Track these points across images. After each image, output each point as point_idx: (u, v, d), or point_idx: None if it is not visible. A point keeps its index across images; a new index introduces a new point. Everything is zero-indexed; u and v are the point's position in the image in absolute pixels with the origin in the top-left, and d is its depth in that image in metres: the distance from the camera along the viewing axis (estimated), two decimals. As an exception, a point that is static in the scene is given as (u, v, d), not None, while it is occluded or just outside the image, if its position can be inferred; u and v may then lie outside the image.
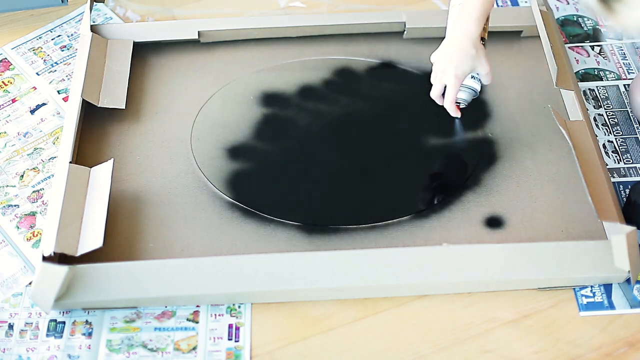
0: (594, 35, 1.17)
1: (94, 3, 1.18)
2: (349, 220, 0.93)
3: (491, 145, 1.01)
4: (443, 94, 0.99)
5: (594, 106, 1.06)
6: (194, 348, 0.83)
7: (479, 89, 1.00)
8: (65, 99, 1.07)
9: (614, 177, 0.97)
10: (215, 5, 1.21)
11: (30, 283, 0.88)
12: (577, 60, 1.12)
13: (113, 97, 1.03)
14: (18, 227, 0.93)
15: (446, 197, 0.95)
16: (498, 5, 1.21)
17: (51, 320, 0.85)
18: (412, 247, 0.88)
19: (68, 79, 1.09)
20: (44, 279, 0.83)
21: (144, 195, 0.96)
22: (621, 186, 0.97)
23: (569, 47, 1.14)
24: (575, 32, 1.17)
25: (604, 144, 1.01)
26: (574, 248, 0.87)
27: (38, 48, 1.14)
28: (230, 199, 0.95)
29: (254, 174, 0.99)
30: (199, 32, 1.12)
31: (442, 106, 0.99)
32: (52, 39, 1.16)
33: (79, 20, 1.18)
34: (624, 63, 1.12)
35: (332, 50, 1.13)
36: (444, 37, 0.95)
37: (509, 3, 1.21)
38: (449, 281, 0.86)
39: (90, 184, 0.92)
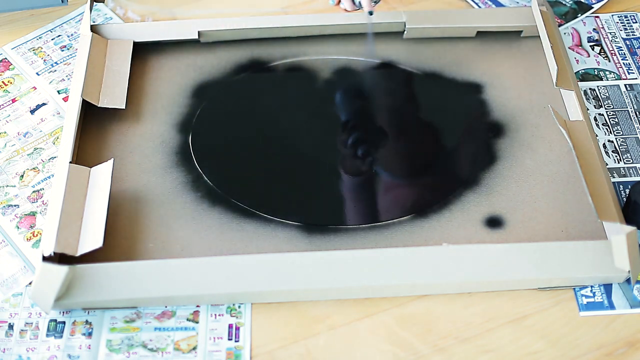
0: (580, 8, 1.18)
1: (94, 3, 1.18)
2: (349, 220, 0.93)
3: (491, 145, 1.01)
4: None
5: (594, 106, 1.06)
6: (194, 348, 0.82)
7: None
8: (65, 99, 1.07)
9: (614, 177, 0.97)
10: (215, 5, 1.21)
11: (30, 283, 0.88)
12: (577, 60, 1.12)
13: (113, 97, 1.03)
14: (18, 227, 0.93)
15: (446, 197, 0.95)
16: (498, 5, 1.21)
17: (51, 320, 0.85)
18: (412, 247, 0.88)
19: (68, 79, 1.09)
20: (44, 279, 0.83)
21: (144, 195, 0.96)
22: (621, 186, 0.97)
23: (569, 48, 1.14)
24: (562, 11, 1.17)
25: (604, 144, 1.01)
26: (574, 248, 0.87)
27: (38, 48, 1.14)
28: (231, 199, 0.95)
29: (254, 174, 0.99)
30: (199, 32, 1.12)
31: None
32: (52, 39, 1.16)
33: (79, 20, 1.18)
34: (624, 63, 1.12)
35: (332, 50, 1.13)
36: (444, 37, 0.95)
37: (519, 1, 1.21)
38: (449, 281, 0.86)
39: (90, 184, 0.92)
